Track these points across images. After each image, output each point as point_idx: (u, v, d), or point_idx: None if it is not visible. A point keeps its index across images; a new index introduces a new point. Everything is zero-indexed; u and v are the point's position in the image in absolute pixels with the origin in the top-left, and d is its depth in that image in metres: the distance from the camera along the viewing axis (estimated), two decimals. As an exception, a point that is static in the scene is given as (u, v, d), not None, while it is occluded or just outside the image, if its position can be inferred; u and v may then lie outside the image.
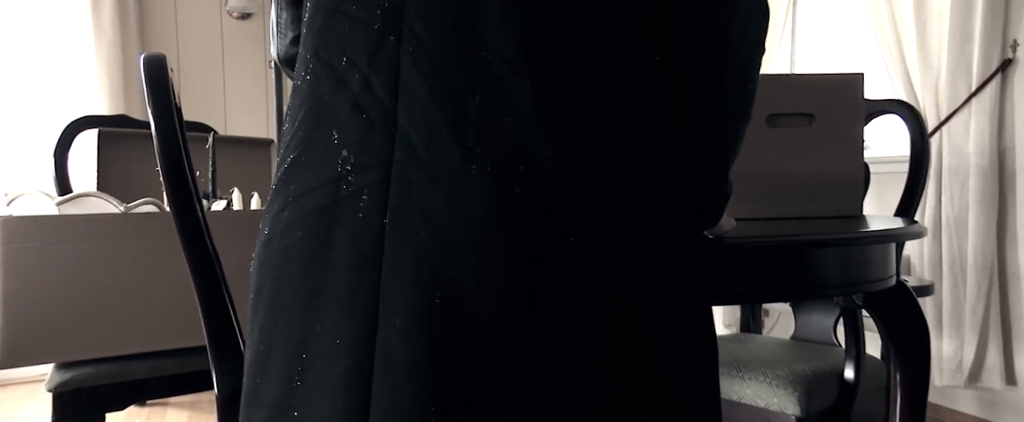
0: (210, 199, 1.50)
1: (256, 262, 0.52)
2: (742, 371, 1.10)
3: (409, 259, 0.45)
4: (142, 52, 1.14)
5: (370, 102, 0.48)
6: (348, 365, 0.45)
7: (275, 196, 0.52)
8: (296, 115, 0.52)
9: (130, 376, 1.24)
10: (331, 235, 0.47)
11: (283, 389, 0.48)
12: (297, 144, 0.51)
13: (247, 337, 0.53)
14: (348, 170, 0.47)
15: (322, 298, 0.47)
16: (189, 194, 0.79)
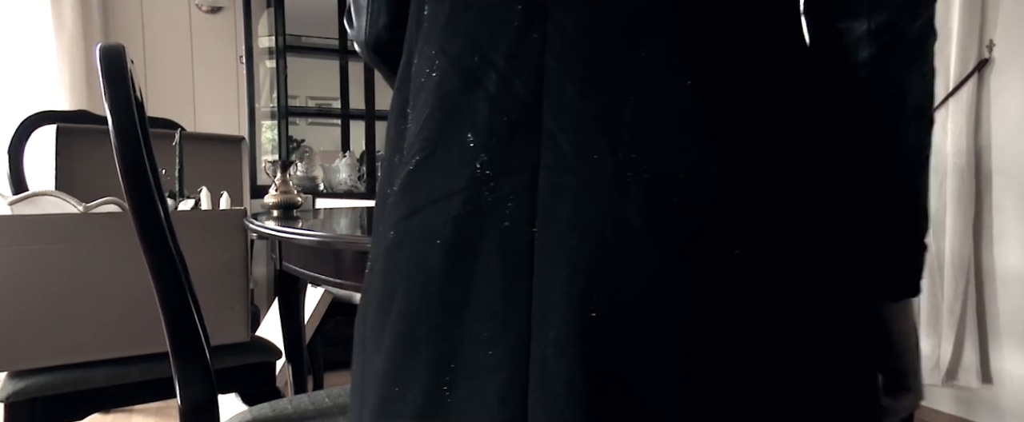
0: (177, 198, 1.44)
1: (380, 267, 0.50)
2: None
3: (562, 271, 0.43)
4: (101, 43, 1.08)
5: (511, 104, 0.45)
6: (502, 378, 0.44)
7: (398, 199, 0.49)
8: (422, 115, 0.49)
9: (91, 384, 1.18)
10: (475, 244, 0.45)
11: (430, 399, 0.46)
12: (423, 145, 0.48)
13: (364, 343, 0.51)
14: (488, 175, 0.45)
15: (469, 309, 0.45)
16: (149, 193, 0.74)
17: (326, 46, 2.97)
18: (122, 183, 0.74)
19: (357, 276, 0.89)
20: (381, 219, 0.51)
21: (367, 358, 0.51)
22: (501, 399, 0.43)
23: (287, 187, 1.44)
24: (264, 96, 2.83)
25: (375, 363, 0.50)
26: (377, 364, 0.49)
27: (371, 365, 0.50)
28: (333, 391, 1.10)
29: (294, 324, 1.50)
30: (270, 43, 2.77)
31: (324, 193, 2.81)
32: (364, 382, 0.51)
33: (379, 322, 0.50)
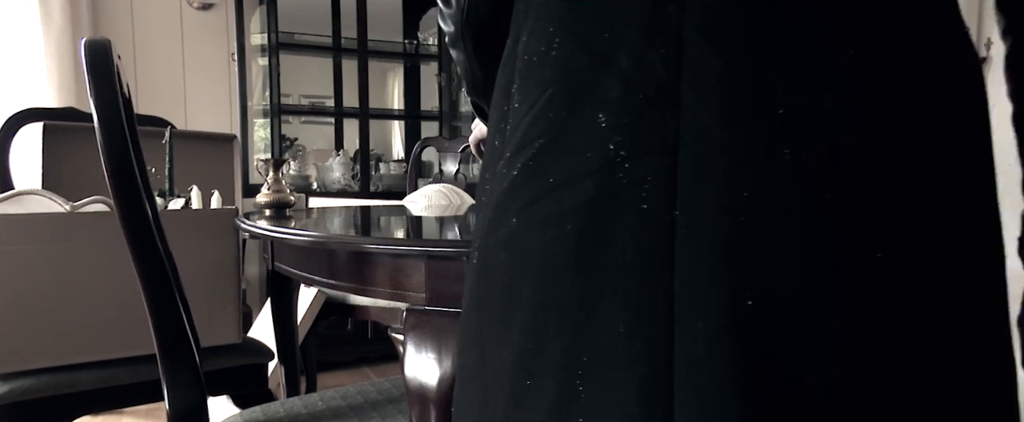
0: (167, 197, 1.41)
1: (503, 257, 0.47)
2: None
3: (710, 257, 0.40)
4: (88, 38, 1.06)
5: (646, 80, 0.43)
6: (643, 372, 0.41)
7: (519, 186, 0.47)
8: (537, 95, 0.47)
9: (78, 387, 1.15)
10: (608, 230, 0.43)
11: (562, 393, 0.44)
12: (546, 128, 0.46)
13: (482, 334, 0.49)
14: (623, 156, 0.42)
15: (603, 299, 0.43)
16: (137, 192, 0.72)
17: (319, 44, 2.95)
18: (108, 181, 0.71)
19: (351, 277, 0.87)
20: (494, 206, 0.49)
21: (488, 349, 0.49)
22: (641, 395, 0.41)
23: (279, 186, 1.42)
24: (257, 94, 2.80)
25: (501, 355, 0.48)
26: (504, 356, 0.47)
27: (495, 357, 0.48)
28: (326, 394, 1.08)
29: (287, 325, 1.48)
30: (263, 40, 2.74)
31: (317, 192, 2.78)
32: (487, 374, 0.49)
33: (503, 313, 0.47)
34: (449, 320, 0.76)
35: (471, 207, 1.54)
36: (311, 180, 2.84)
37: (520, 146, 0.47)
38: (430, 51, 3.09)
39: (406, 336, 0.79)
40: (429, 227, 1.06)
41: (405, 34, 3.11)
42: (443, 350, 0.76)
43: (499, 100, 0.51)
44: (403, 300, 0.82)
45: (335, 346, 2.64)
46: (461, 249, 0.75)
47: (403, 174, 2.93)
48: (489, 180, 0.51)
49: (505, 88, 0.51)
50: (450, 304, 0.76)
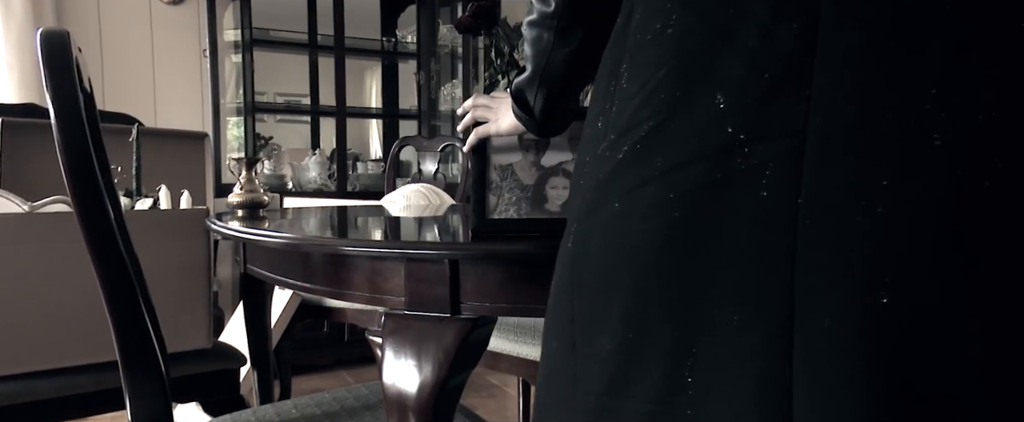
0: (134, 197, 1.36)
1: (601, 242, 0.46)
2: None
3: (839, 248, 0.37)
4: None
5: (771, 58, 0.40)
6: (758, 368, 0.39)
7: (624, 169, 0.45)
8: (649, 75, 0.45)
9: (38, 396, 1.10)
10: (722, 217, 0.41)
11: (667, 384, 0.42)
12: (658, 109, 0.44)
13: (575, 322, 0.48)
14: (741, 139, 0.40)
15: (713, 288, 0.41)
16: (97, 191, 0.67)
17: (295, 41, 2.89)
18: (66, 180, 0.67)
19: (327, 280, 0.84)
20: (594, 189, 0.47)
21: (581, 336, 0.47)
22: (757, 392, 0.39)
23: (253, 186, 1.37)
24: (230, 92, 2.73)
25: (597, 342, 0.46)
26: (600, 345, 0.46)
27: (589, 343, 0.47)
28: (300, 401, 1.04)
29: (259, 328, 1.44)
30: (236, 37, 2.68)
31: (293, 192, 2.73)
32: (579, 361, 0.47)
33: (600, 299, 0.46)
34: (430, 325, 0.73)
35: (450, 207, 1.52)
36: (286, 180, 2.78)
37: (627, 128, 0.45)
38: (408, 49, 3.05)
39: (384, 341, 0.76)
40: (408, 228, 1.03)
41: (383, 31, 3.07)
42: (423, 356, 0.73)
43: (604, 81, 0.50)
44: (381, 304, 0.79)
45: (311, 349, 2.59)
46: (442, 251, 0.73)
47: (381, 173, 2.89)
48: (588, 163, 0.49)
49: (612, 68, 0.49)
50: (430, 308, 0.73)
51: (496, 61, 0.98)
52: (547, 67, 0.64)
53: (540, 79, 0.66)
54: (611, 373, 0.45)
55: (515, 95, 0.70)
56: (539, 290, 0.71)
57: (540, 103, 0.68)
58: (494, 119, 0.77)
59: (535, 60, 0.65)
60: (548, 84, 0.66)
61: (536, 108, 0.69)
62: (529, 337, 1.41)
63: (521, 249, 0.71)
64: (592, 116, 0.51)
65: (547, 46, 0.62)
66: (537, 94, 0.67)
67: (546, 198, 0.77)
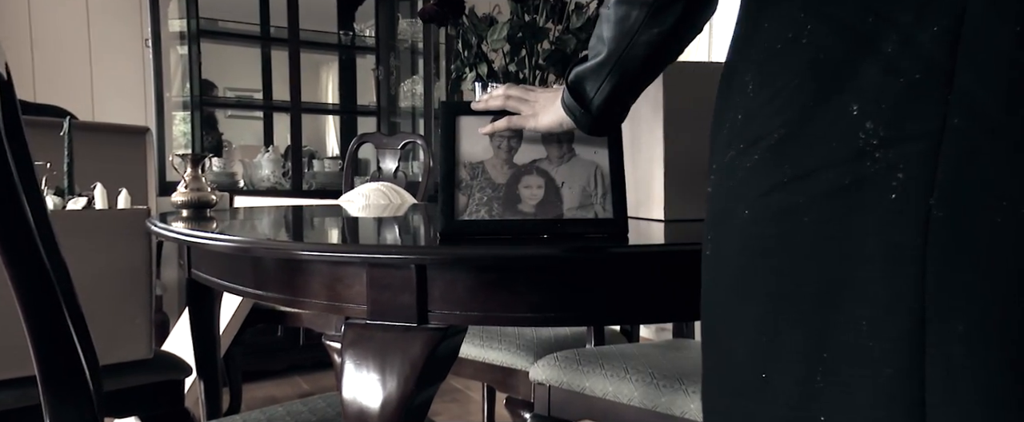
0: (66, 196, 1.25)
1: (732, 248, 0.48)
2: (685, 383, 1.03)
3: (975, 250, 0.38)
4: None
5: (911, 62, 0.41)
6: (888, 374, 0.40)
7: (753, 177, 0.47)
8: (780, 85, 0.46)
9: (-46, 415, 0.99)
10: (851, 220, 0.42)
11: (799, 390, 0.44)
12: (788, 119, 0.45)
13: (714, 325, 0.49)
14: (873, 145, 0.41)
15: (844, 292, 0.42)
16: (11, 188, 0.59)
17: (246, 32, 2.77)
18: (-26, 176, 0.59)
19: (281, 287, 0.77)
20: (723, 197, 0.49)
21: (721, 342, 0.49)
22: (889, 397, 0.39)
23: (199, 184, 1.28)
24: (176, 85, 2.60)
25: (732, 346, 0.48)
26: (735, 347, 0.47)
27: (726, 349, 0.48)
28: (250, 415, 0.97)
29: (207, 336, 1.35)
30: (182, 27, 2.54)
31: (244, 190, 2.62)
32: (723, 367, 0.49)
33: (734, 304, 0.47)
34: (394, 335, 0.68)
35: (412, 207, 1.45)
36: (237, 178, 2.66)
37: (756, 137, 0.46)
38: (366, 43, 2.96)
39: (345, 353, 0.70)
40: (370, 229, 0.96)
41: (340, 25, 2.97)
42: (387, 370, 0.67)
43: (728, 90, 0.51)
44: (341, 312, 0.72)
45: (264, 354, 2.48)
46: (407, 256, 0.67)
47: (338, 171, 2.80)
48: (715, 171, 0.51)
49: (737, 77, 0.50)
50: (395, 317, 0.68)
51: (463, 53, 0.93)
52: (628, 50, 0.62)
53: (615, 64, 0.64)
54: (744, 377, 0.46)
55: (572, 84, 0.68)
56: (512, 297, 0.66)
57: (604, 93, 0.66)
58: (531, 113, 0.73)
59: (614, 42, 0.62)
60: (622, 71, 0.64)
61: (596, 100, 0.67)
62: (495, 341, 1.36)
63: (493, 253, 0.65)
64: (717, 125, 0.52)
65: (634, 25, 0.60)
66: (604, 82, 0.65)
67: (519, 198, 0.72)
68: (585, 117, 0.68)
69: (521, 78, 0.94)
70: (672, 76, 0.90)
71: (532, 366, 1.23)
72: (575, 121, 0.69)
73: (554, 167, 0.74)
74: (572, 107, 0.68)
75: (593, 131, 0.70)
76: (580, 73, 0.67)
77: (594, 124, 0.69)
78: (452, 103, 0.76)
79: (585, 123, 0.69)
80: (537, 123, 0.73)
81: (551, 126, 0.72)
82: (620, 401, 1.07)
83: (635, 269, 0.67)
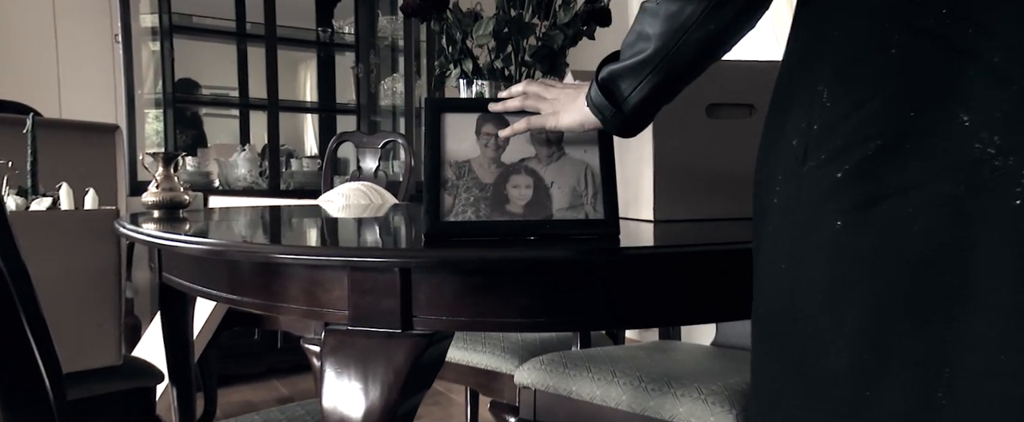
0: (29, 196, 1.20)
1: (822, 260, 0.47)
2: (673, 386, 1.01)
3: None
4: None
5: (1022, 71, 0.41)
6: (1022, 390, 0.39)
7: (847, 186, 0.46)
8: (867, 94, 0.46)
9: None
10: (970, 229, 0.41)
11: (916, 408, 0.43)
12: (884, 129, 0.45)
13: (800, 342, 0.48)
14: (991, 154, 0.42)
15: (967, 304, 0.41)
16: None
17: (221, 28, 2.70)
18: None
19: (258, 292, 0.74)
20: (804, 209, 0.48)
21: (807, 359, 0.48)
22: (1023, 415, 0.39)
23: (171, 183, 1.24)
24: (148, 83, 2.52)
25: (826, 364, 0.46)
26: (831, 364, 0.46)
27: (817, 365, 0.47)
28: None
29: (180, 340, 1.30)
30: (153, 22, 2.47)
31: (219, 190, 2.55)
32: (808, 385, 0.47)
33: (825, 318, 0.46)
34: (377, 342, 0.65)
35: (393, 207, 1.42)
36: (213, 177, 2.60)
37: (844, 147, 0.46)
38: (345, 40, 2.91)
39: (325, 360, 0.67)
40: (351, 231, 0.93)
41: (318, 21, 2.92)
42: (370, 378, 0.64)
43: (790, 101, 0.51)
44: (321, 318, 0.69)
45: (240, 358, 2.43)
46: (391, 259, 0.64)
47: (317, 171, 2.75)
48: (782, 182, 0.51)
49: (803, 87, 0.50)
50: (378, 323, 0.65)
51: (448, 49, 0.90)
52: (679, 48, 0.59)
53: (662, 62, 0.60)
54: (848, 396, 0.44)
55: (604, 82, 0.64)
56: (501, 301, 0.63)
57: (643, 92, 0.63)
58: (551, 111, 0.70)
59: (662, 39, 0.59)
60: (667, 69, 0.61)
61: (632, 99, 0.63)
62: (479, 345, 1.34)
63: (481, 255, 0.63)
64: (777, 135, 0.51)
65: (688, 21, 0.57)
66: (645, 81, 0.62)
67: (507, 198, 0.70)
68: (616, 117, 0.65)
69: (507, 75, 0.92)
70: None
71: (517, 369, 1.21)
72: (603, 121, 0.66)
73: (543, 166, 0.71)
74: (601, 106, 0.65)
75: (621, 132, 0.67)
76: (615, 71, 0.63)
77: (624, 124, 0.66)
78: (437, 100, 0.74)
79: (615, 123, 0.66)
80: (558, 122, 0.69)
81: (572, 126, 0.69)
82: (608, 405, 1.05)
83: (630, 272, 0.64)
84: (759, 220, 0.54)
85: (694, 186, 0.90)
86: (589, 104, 0.66)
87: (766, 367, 0.52)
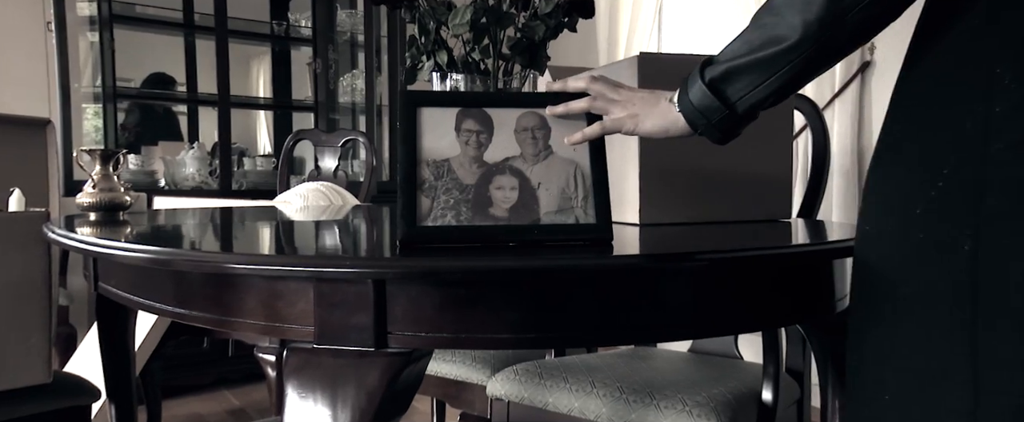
0: (-55, 197, 1.07)
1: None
2: (655, 397, 0.97)
3: None
4: None
5: None
6: None
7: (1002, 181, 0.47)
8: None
9: None
10: None
11: None
12: None
13: (994, 349, 0.48)
14: None
15: None
16: None
17: (166, 18, 2.55)
18: None
19: (208, 305, 0.65)
20: (997, 193, 0.48)
21: (997, 372, 0.48)
22: None
23: (111, 183, 1.13)
24: (87, 75, 2.36)
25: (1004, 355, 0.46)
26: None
27: (1013, 380, 0.47)
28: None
29: (119, 354, 1.19)
30: (92, 11, 2.31)
31: (165, 190, 2.41)
32: (1000, 401, 0.47)
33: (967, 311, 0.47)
34: (347, 362, 0.58)
35: (355, 208, 1.34)
36: (158, 176, 2.45)
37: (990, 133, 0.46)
38: (302, 34, 2.79)
39: (287, 382, 0.60)
40: (314, 236, 0.85)
41: (272, 14, 2.79)
42: (340, 402, 0.57)
43: (956, 81, 0.50)
44: (283, 335, 0.62)
45: (188, 367, 2.30)
46: (363, 269, 0.57)
47: (272, 170, 2.63)
48: (954, 164, 0.50)
49: (979, 67, 0.49)
50: (348, 341, 0.58)
51: (420, 39, 0.84)
52: (833, 34, 0.56)
53: (811, 49, 0.56)
54: None
55: (716, 81, 0.59)
56: (488, 315, 0.57)
57: (769, 89, 0.58)
58: (627, 115, 0.65)
59: (815, 26, 0.55)
60: (813, 57, 0.57)
61: (751, 98, 0.59)
62: (447, 353, 1.27)
63: (464, 265, 0.57)
64: (945, 116, 0.50)
65: (850, 4, 0.54)
66: (778, 75, 0.57)
67: (491, 201, 0.64)
68: (723, 119, 0.60)
69: (483, 69, 0.86)
70: (647, 68, 0.84)
71: (489, 380, 1.15)
72: (701, 125, 0.62)
73: (529, 166, 0.66)
74: (705, 108, 0.60)
75: (722, 137, 0.63)
76: (735, 67, 0.59)
77: (731, 128, 0.62)
78: (413, 92, 0.67)
79: (719, 127, 0.61)
80: (638, 127, 0.64)
81: (654, 132, 0.64)
82: (587, 418, 1.00)
83: (629, 282, 0.59)
84: (952, 216, 0.51)
85: (681, 188, 0.86)
86: (683, 108, 0.62)
87: (918, 381, 0.51)
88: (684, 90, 0.62)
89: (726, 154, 0.87)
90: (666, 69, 0.85)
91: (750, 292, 0.63)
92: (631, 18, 2.47)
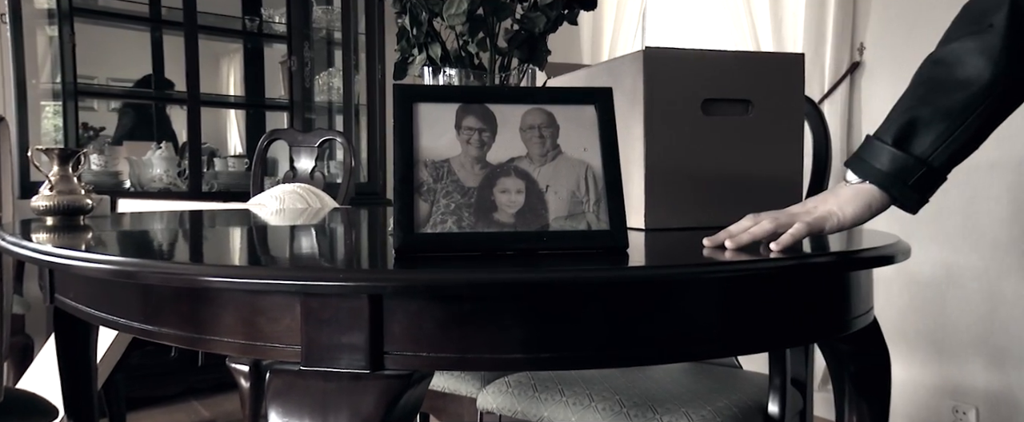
0: None
1: None
2: (658, 411, 0.92)
3: None
4: None
5: None
6: None
7: None
8: None
9: None
10: None
11: None
12: None
13: None
14: None
15: None
16: None
17: (132, 12, 2.44)
18: None
19: (179, 322, 0.59)
20: None
21: None
22: None
23: (70, 185, 1.04)
24: (46, 71, 2.24)
25: None
26: None
27: None
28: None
29: (79, 368, 1.10)
30: (50, 3, 2.19)
31: (131, 192, 2.30)
32: None
33: None
34: (339, 386, 0.52)
35: (333, 211, 1.27)
36: (122, 177, 2.34)
37: None
38: (276, 31, 2.70)
39: (270, 406, 0.54)
40: (296, 243, 0.79)
41: (245, 10, 2.69)
42: (330, 431, 0.51)
43: None
44: (265, 355, 0.55)
45: (155, 377, 2.19)
46: (358, 283, 0.51)
47: (244, 171, 2.53)
48: None
49: None
50: (340, 362, 0.52)
51: (411, 31, 0.78)
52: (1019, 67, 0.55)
53: (1000, 91, 0.54)
54: None
55: (899, 141, 0.57)
56: (498, 332, 0.52)
57: (965, 136, 0.56)
58: (811, 219, 0.60)
59: (1000, 64, 0.55)
60: (1005, 93, 0.55)
61: (945, 150, 0.57)
62: (434, 364, 1.21)
63: (471, 277, 0.51)
64: None
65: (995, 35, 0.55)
66: (970, 121, 0.55)
67: (495, 205, 0.58)
68: (922, 178, 0.57)
69: (478, 63, 0.80)
70: (652, 64, 0.79)
71: (480, 392, 1.09)
72: (897, 193, 0.59)
73: (536, 167, 0.60)
74: (898, 171, 0.57)
75: (919, 201, 0.59)
76: (917, 120, 0.56)
77: (929, 186, 0.58)
78: (408, 86, 0.61)
79: (917, 187, 0.58)
80: (843, 219, 0.60)
81: (860, 216, 0.60)
82: (585, 432, 0.95)
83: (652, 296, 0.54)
84: None
85: (687, 191, 0.82)
86: (875, 180, 0.59)
87: None
88: (858, 161, 0.60)
89: (734, 156, 0.83)
90: (672, 65, 0.80)
91: (787, 304, 0.58)
92: (615, 18, 2.44)
